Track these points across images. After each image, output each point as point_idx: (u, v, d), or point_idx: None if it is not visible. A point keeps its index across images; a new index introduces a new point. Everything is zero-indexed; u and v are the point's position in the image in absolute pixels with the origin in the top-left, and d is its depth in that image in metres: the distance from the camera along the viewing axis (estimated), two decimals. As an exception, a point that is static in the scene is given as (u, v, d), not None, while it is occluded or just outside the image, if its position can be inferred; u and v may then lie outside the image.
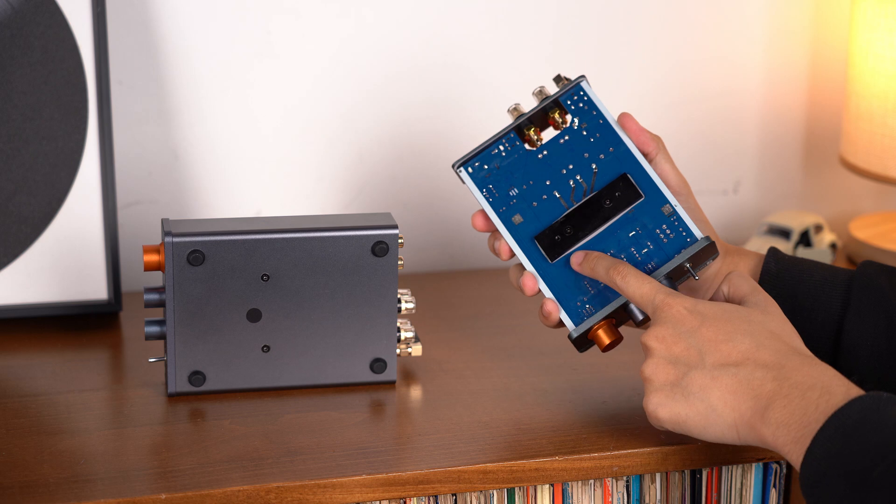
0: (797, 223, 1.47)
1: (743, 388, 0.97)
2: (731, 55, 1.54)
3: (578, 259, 1.08)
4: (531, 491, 1.07)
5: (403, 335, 1.17)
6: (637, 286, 1.04)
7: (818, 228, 1.49)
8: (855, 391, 0.94)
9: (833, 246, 1.50)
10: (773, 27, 1.54)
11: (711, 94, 1.55)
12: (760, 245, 1.44)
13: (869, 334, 1.07)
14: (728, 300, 1.05)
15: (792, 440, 0.94)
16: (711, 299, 1.06)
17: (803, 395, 0.95)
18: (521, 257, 1.11)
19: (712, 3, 1.52)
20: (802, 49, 1.56)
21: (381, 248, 1.13)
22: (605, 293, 1.09)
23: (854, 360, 1.07)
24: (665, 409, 1.00)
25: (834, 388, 0.94)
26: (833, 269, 1.11)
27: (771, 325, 1.00)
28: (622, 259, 1.09)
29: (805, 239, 1.47)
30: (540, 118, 1.12)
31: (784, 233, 1.47)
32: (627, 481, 1.09)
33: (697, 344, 0.99)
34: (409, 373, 1.20)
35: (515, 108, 1.12)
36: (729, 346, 0.98)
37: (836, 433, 0.92)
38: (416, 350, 1.19)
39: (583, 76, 1.12)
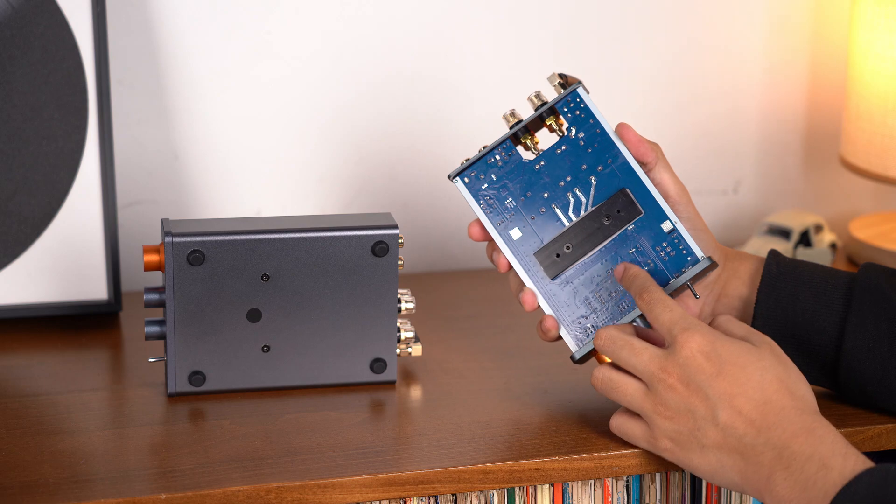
0: (797, 223, 1.47)
1: (748, 454, 0.97)
2: (731, 55, 1.54)
3: (619, 272, 1.08)
4: (531, 491, 1.07)
5: (403, 335, 1.17)
6: (658, 314, 1.03)
7: (818, 228, 1.49)
8: (852, 462, 0.93)
9: (833, 246, 1.50)
10: (773, 27, 1.54)
11: (711, 94, 1.55)
12: (760, 245, 1.44)
13: (871, 337, 1.07)
14: None
15: None
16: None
17: (802, 467, 0.94)
18: (521, 273, 1.10)
19: (712, 3, 1.52)
20: (802, 49, 1.56)
21: (381, 248, 1.13)
22: (607, 311, 1.09)
23: (856, 363, 1.07)
24: (674, 455, 1.01)
25: (831, 462, 0.93)
26: (834, 271, 1.10)
27: (779, 369, 1.00)
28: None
29: (805, 239, 1.47)
30: (536, 124, 1.11)
31: (784, 233, 1.46)
32: (627, 481, 1.09)
33: (713, 396, 0.99)
34: (409, 373, 1.20)
35: (512, 114, 1.11)
36: (741, 400, 0.98)
37: None
38: (416, 350, 1.18)
39: (579, 82, 1.09)
